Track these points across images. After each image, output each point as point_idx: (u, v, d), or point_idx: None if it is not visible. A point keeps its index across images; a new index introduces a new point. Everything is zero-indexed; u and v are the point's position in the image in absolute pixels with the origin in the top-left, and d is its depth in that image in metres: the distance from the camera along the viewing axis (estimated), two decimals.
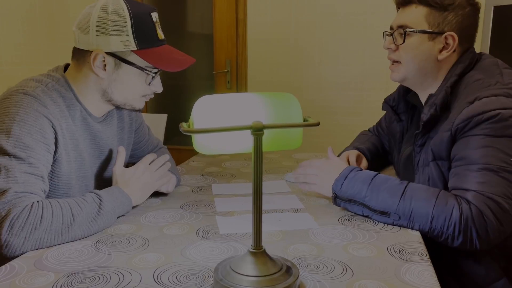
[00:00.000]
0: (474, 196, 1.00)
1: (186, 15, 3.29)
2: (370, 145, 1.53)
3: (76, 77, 1.13)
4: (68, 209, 0.96)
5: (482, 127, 1.04)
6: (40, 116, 1.00)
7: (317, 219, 1.12)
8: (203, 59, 3.27)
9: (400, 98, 1.37)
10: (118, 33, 1.05)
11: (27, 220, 0.91)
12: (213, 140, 0.78)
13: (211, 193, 1.34)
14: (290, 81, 2.97)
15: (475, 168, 1.03)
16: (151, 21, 1.09)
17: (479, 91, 1.08)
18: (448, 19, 1.16)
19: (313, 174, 1.25)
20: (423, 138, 1.19)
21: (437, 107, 1.14)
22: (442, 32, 1.17)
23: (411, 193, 1.06)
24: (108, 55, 1.07)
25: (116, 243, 0.97)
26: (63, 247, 0.95)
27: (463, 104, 1.08)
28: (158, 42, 1.11)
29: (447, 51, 1.18)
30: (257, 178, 0.76)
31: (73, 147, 1.10)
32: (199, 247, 0.96)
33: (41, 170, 0.99)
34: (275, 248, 0.96)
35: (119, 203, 1.08)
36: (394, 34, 1.22)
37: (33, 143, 0.98)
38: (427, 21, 1.17)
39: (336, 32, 2.83)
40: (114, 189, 1.10)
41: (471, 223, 0.98)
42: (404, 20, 1.19)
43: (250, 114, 0.79)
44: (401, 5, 1.23)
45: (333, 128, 2.94)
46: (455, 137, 1.09)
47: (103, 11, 1.06)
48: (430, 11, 1.17)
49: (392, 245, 0.98)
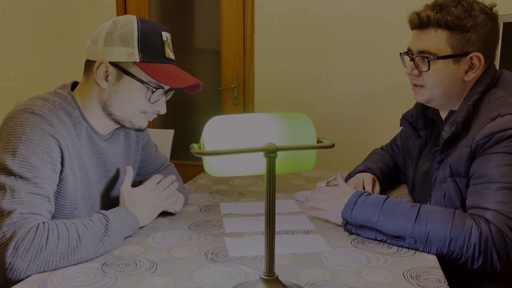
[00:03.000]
0: (493, 216, 0.97)
1: (193, 31, 3.30)
2: (382, 165, 1.50)
3: (82, 92, 1.12)
4: (75, 230, 0.94)
5: (503, 144, 1.01)
6: (46, 135, 0.99)
7: (329, 241, 1.09)
8: (210, 75, 3.27)
9: (418, 114, 1.34)
10: (123, 44, 1.05)
11: (32, 242, 0.88)
12: (224, 162, 0.76)
13: (219, 212, 1.31)
14: (298, 97, 2.96)
15: (495, 187, 1.00)
16: (160, 38, 1.08)
17: (501, 108, 1.06)
18: (471, 40, 1.12)
19: (321, 199, 1.22)
20: (441, 155, 1.16)
21: (458, 125, 1.11)
22: (466, 53, 1.13)
23: (426, 216, 1.03)
24: (112, 65, 1.07)
25: (123, 266, 0.94)
26: (68, 270, 0.92)
27: (485, 121, 1.05)
28: (164, 60, 1.09)
29: (473, 72, 1.14)
30: (270, 202, 0.73)
31: (79, 166, 1.09)
32: (208, 271, 0.93)
33: (47, 190, 0.97)
34: (287, 272, 0.92)
35: (126, 223, 1.05)
36: (416, 60, 1.17)
37: (39, 163, 0.97)
38: (449, 44, 1.13)
39: (344, 48, 2.82)
40: (121, 209, 1.08)
41: (491, 244, 0.95)
42: (425, 46, 1.15)
43: (263, 135, 0.77)
44: (418, 28, 1.17)
45: (341, 144, 2.91)
46: (475, 154, 1.06)
47: (114, 24, 1.08)
48: (452, 34, 1.12)
49: (408, 270, 0.94)
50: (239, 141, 0.76)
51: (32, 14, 3.17)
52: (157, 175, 1.21)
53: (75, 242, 0.93)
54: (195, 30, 3.29)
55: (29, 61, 3.25)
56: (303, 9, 2.85)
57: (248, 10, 2.95)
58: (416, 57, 1.18)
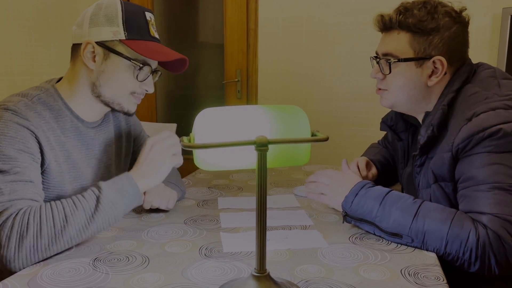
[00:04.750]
0: (490, 220, 0.94)
1: (197, 25, 3.28)
2: (381, 158, 1.47)
3: (70, 77, 1.12)
4: (61, 210, 0.92)
5: (484, 144, 0.98)
6: (20, 127, 0.98)
7: (327, 237, 1.07)
8: (214, 69, 3.24)
9: (397, 118, 1.30)
10: (108, 23, 1.07)
11: (12, 229, 0.88)
12: (215, 155, 0.74)
13: (216, 207, 1.29)
14: (301, 91, 2.93)
15: (485, 188, 0.96)
16: (144, 17, 1.10)
17: (475, 105, 1.02)
18: (434, 43, 1.09)
19: (324, 183, 1.19)
20: (421, 158, 1.13)
21: (434, 127, 1.08)
22: (429, 56, 1.09)
23: (424, 214, 0.99)
24: (98, 45, 1.07)
25: (115, 261, 0.93)
26: (59, 265, 0.91)
27: (461, 122, 1.01)
28: (149, 37, 1.11)
29: (436, 76, 1.11)
30: (261, 197, 0.71)
31: (64, 158, 1.07)
32: (201, 267, 0.91)
33: (28, 175, 0.96)
34: (281, 269, 0.90)
35: (124, 192, 0.99)
36: (380, 63, 1.15)
37: (15, 153, 0.95)
38: (412, 47, 1.10)
39: (348, 42, 2.79)
40: (121, 176, 1.02)
41: (489, 249, 0.92)
42: (388, 48, 1.13)
43: (255, 128, 0.74)
44: (383, 31, 1.17)
45: (344, 139, 2.88)
46: (457, 157, 1.02)
47: (98, 6, 1.09)
48: (414, 36, 1.09)
49: (407, 267, 0.92)
50: (231, 134, 0.73)
51: (36, 7, 3.16)
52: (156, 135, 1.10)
53: (62, 222, 0.91)
54: (199, 24, 3.27)
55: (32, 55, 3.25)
56: (307, 2, 2.82)
57: (251, 3, 2.92)
58: (381, 60, 1.15)
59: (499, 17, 2.64)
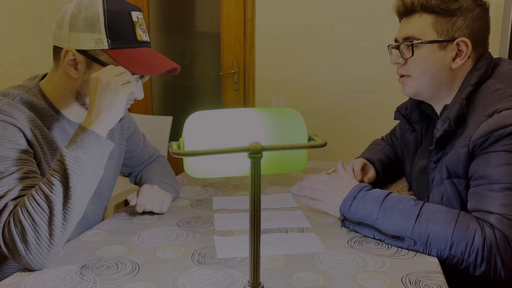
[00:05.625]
0: (498, 220, 0.91)
1: (193, 14, 3.21)
2: (383, 156, 1.43)
3: (53, 80, 1.05)
4: (41, 193, 0.86)
5: (503, 143, 0.94)
6: (7, 125, 0.92)
7: (324, 241, 1.03)
8: (211, 59, 3.19)
9: (413, 107, 1.26)
10: (89, 30, 0.96)
11: (11, 233, 0.85)
12: (206, 162, 0.70)
13: (211, 207, 1.25)
14: (300, 84, 2.88)
15: (498, 188, 0.93)
16: (130, 20, 0.99)
17: (498, 102, 0.98)
18: (457, 25, 1.05)
19: (319, 189, 1.15)
20: (437, 154, 1.09)
21: (451, 121, 1.03)
22: (453, 39, 1.06)
23: (427, 216, 0.96)
24: (80, 53, 0.98)
25: (103, 269, 0.89)
26: (44, 273, 0.87)
27: (481, 117, 0.98)
28: (136, 44, 1.00)
29: (461, 59, 1.07)
30: (255, 208, 0.67)
31: (53, 157, 1.02)
32: (193, 275, 0.87)
33: (25, 172, 0.91)
34: (276, 277, 0.86)
35: (84, 146, 0.89)
36: (401, 47, 1.11)
37: (8, 152, 0.91)
38: (435, 29, 1.06)
39: (348, 33, 2.73)
40: (76, 131, 0.92)
41: (496, 250, 0.89)
42: (410, 31, 1.09)
43: (248, 133, 0.70)
44: (403, 16, 1.12)
45: (345, 132, 2.84)
46: (473, 154, 0.98)
47: (78, 6, 0.98)
48: (437, 18, 1.06)
49: (408, 274, 0.88)
50: (222, 139, 0.69)
51: None
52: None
53: (47, 203, 0.86)
54: (195, 13, 3.20)
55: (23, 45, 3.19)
56: None
57: None
58: (401, 44, 1.11)
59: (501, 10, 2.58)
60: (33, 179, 0.92)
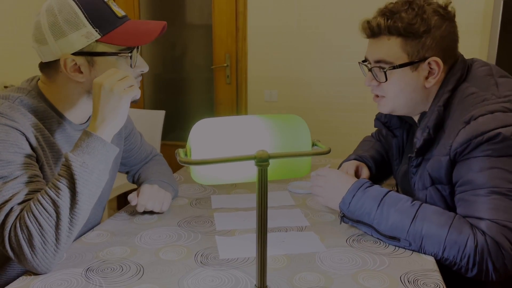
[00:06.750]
0: (488, 226, 0.93)
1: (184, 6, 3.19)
2: (374, 153, 1.44)
3: (52, 89, 1.04)
4: (47, 197, 0.87)
5: (483, 148, 0.96)
6: (10, 129, 0.92)
7: (324, 239, 1.05)
8: (202, 50, 3.17)
9: (392, 115, 1.26)
10: (75, 28, 0.96)
11: (18, 237, 0.85)
12: (213, 170, 0.71)
13: (210, 206, 1.27)
14: (292, 77, 2.89)
15: (483, 192, 0.95)
16: (103, 2, 0.99)
17: (473, 107, 1.00)
18: (427, 45, 1.04)
19: (318, 185, 1.17)
20: (417, 159, 1.11)
21: (430, 130, 1.05)
22: (423, 59, 1.06)
23: (423, 217, 0.98)
24: (77, 55, 0.97)
25: (108, 271, 0.90)
26: (50, 277, 0.88)
27: (459, 124, 0.99)
28: (119, 21, 1.00)
29: (433, 77, 1.07)
30: (262, 214, 0.68)
31: (54, 160, 1.02)
32: (197, 276, 0.89)
33: (29, 176, 0.92)
34: (280, 278, 0.89)
35: (90, 151, 0.90)
36: (374, 70, 1.11)
37: (12, 156, 0.91)
38: (405, 51, 1.05)
39: (340, 26, 2.74)
40: (81, 136, 0.93)
41: (487, 256, 0.91)
42: (380, 55, 1.08)
43: (254, 140, 0.71)
44: (371, 37, 1.11)
45: (337, 125, 2.86)
46: (454, 161, 1.00)
47: (50, 13, 0.97)
48: (405, 40, 1.05)
49: (406, 273, 0.91)
50: (229, 147, 0.70)
51: None
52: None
53: (53, 208, 0.86)
54: (186, 5, 3.18)
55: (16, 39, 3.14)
56: None
57: None
58: (373, 67, 1.11)
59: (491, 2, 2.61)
60: (37, 183, 0.92)
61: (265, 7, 2.82)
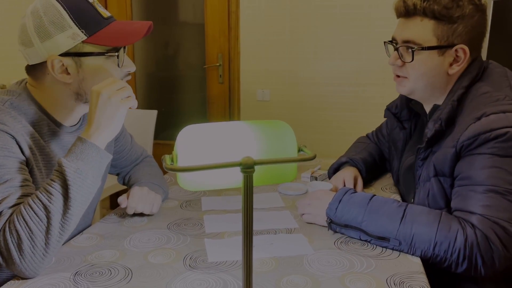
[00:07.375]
0: (479, 220, 0.95)
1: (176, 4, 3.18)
2: (366, 155, 1.46)
3: (40, 91, 1.04)
4: (38, 202, 0.87)
5: (489, 145, 0.98)
6: (0, 133, 0.92)
7: (312, 242, 1.06)
8: (195, 50, 3.17)
9: (403, 105, 1.30)
10: (60, 30, 0.96)
11: (6, 242, 0.86)
12: (199, 176, 0.71)
13: (200, 208, 1.27)
14: (284, 76, 2.89)
15: (481, 189, 0.97)
16: (88, 3, 1.00)
17: (486, 106, 1.02)
18: (457, 32, 1.07)
19: (306, 203, 1.18)
20: (425, 152, 1.13)
21: (442, 122, 1.07)
22: (452, 45, 1.08)
23: (411, 217, 1.00)
24: (64, 57, 0.97)
25: (97, 275, 0.91)
26: (38, 281, 0.88)
27: (470, 120, 1.01)
28: (105, 22, 1.00)
29: (458, 65, 1.09)
30: (247, 220, 0.69)
31: (44, 163, 1.02)
32: (186, 280, 0.89)
33: (19, 180, 0.92)
34: (266, 280, 0.89)
35: (84, 157, 0.91)
36: (400, 50, 1.12)
37: (2, 160, 0.91)
38: (435, 35, 1.07)
39: (332, 26, 2.75)
40: (75, 142, 0.93)
41: (476, 249, 0.93)
42: (410, 35, 1.09)
43: (240, 146, 0.72)
44: (403, 16, 1.12)
45: (329, 124, 2.87)
46: (459, 154, 1.03)
47: (34, 15, 0.97)
48: (438, 24, 1.07)
49: (392, 275, 0.92)
50: (215, 153, 0.70)
51: None
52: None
53: (45, 213, 0.86)
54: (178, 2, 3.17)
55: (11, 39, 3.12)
56: None
57: None
58: (400, 47, 1.12)
59: None
60: (26, 187, 0.92)
61: (257, 6, 2.82)
